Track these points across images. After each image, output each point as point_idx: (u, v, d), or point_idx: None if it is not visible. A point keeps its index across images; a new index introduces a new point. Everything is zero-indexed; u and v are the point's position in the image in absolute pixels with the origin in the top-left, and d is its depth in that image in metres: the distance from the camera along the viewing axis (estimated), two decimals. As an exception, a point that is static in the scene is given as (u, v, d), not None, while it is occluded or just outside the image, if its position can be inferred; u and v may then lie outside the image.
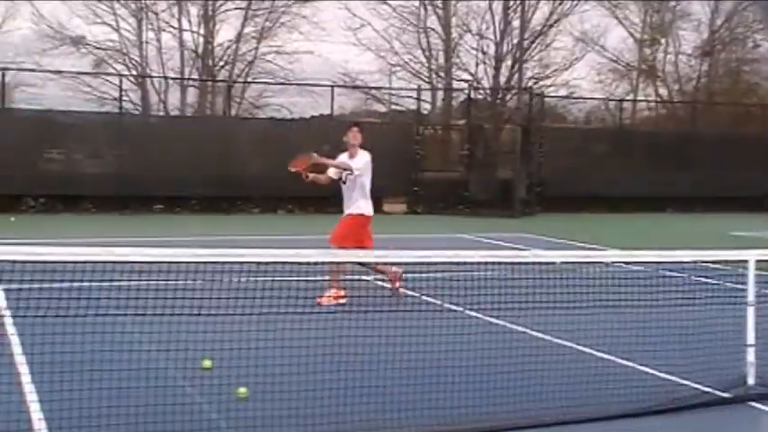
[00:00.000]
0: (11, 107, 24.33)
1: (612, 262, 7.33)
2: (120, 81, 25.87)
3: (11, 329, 7.15)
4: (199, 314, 5.14)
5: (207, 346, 5.75)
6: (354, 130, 9.87)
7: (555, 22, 32.33)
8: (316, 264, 8.43)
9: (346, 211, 9.77)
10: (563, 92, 32.72)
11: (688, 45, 36.11)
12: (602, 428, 5.34)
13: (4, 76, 23.48)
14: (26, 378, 5.81)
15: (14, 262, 4.44)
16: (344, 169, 9.68)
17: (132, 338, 6.48)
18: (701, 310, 6.70)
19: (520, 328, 7.79)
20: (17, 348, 6.64)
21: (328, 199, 23.60)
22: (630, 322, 7.09)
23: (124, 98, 25.99)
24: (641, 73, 36.00)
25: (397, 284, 9.54)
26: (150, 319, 5.19)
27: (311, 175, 9.72)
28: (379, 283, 9.93)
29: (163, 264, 4.68)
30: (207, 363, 6.08)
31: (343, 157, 9.86)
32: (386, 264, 8.97)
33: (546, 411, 5.43)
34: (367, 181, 9.75)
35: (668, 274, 7.77)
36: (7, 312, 7.44)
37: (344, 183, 9.74)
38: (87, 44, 30.91)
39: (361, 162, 9.69)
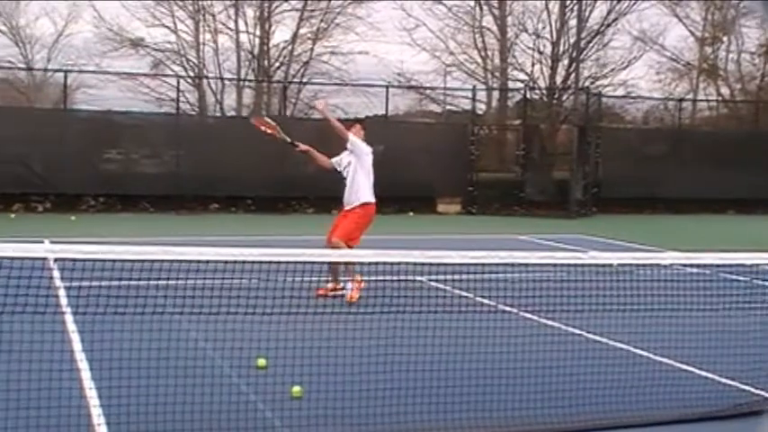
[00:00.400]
0: (72, 108, 24.81)
1: (671, 264, 7.19)
2: (178, 82, 26.21)
3: (71, 326, 7.28)
4: (254, 313, 5.17)
5: (262, 345, 5.78)
6: (358, 126, 10.08)
7: (613, 21, 31.90)
8: (369, 264, 8.44)
9: (348, 206, 9.81)
10: (620, 91, 32.26)
11: (751, 43, 35.34)
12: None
13: (66, 77, 24.00)
14: (86, 374, 5.91)
15: (75, 260, 4.51)
16: (338, 129, 9.79)
17: (188, 337, 6.55)
18: (762, 313, 6.54)
19: (576, 331, 7.70)
20: (77, 345, 6.76)
21: (382, 199, 23.79)
22: (690, 326, 6.95)
23: (181, 99, 26.34)
24: (702, 72, 35.31)
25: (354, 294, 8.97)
26: (206, 318, 5.24)
27: (303, 147, 10.09)
28: (433, 284, 9.89)
29: (218, 263, 4.71)
30: (262, 362, 6.12)
31: (344, 154, 9.99)
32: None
33: (603, 415, 5.35)
34: (366, 174, 9.85)
35: (729, 276, 7.61)
36: (68, 309, 7.57)
37: (345, 177, 9.87)
38: (146, 46, 31.41)
39: (357, 140, 9.83)
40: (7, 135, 21.10)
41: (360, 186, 9.79)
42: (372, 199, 9.87)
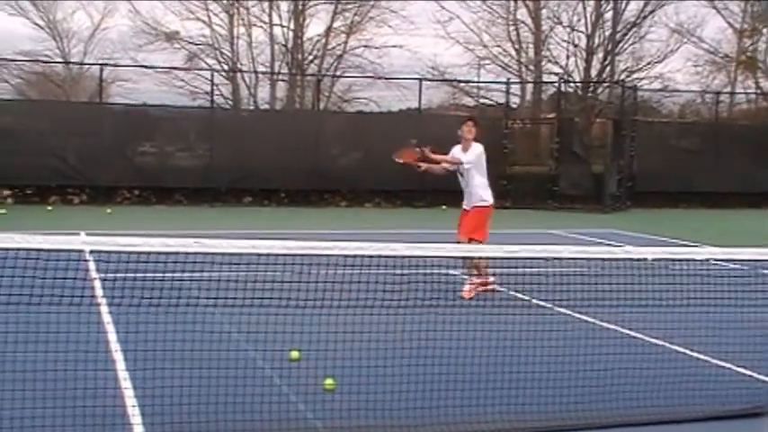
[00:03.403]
0: (108, 101, 25.04)
1: (707, 259, 7.10)
2: (212, 76, 26.36)
3: (107, 318, 7.36)
4: (287, 306, 5.18)
5: (295, 338, 5.80)
6: (469, 124, 9.98)
7: (649, 14, 31.58)
8: (403, 257, 8.42)
9: (469, 205, 9.85)
10: (657, 85, 31.95)
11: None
12: (699, 430, 5.19)
13: (101, 71, 24.20)
14: (120, 365, 5.96)
15: (110, 252, 4.54)
16: (455, 163, 9.82)
17: (222, 329, 6.58)
18: (802, 310, 6.44)
19: (611, 326, 7.63)
20: (112, 336, 6.83)
21: (414, 192, 23.78)
22: (727, 322, 6.85)
23: (215, 92, 26.49)
24: (740, 64, 34.80)
25: (484, 287, 9.48)
26: (239, 310, 5.26)
27: (424, 166, 9.83)
28: (467, 277, 9.86)
29: (252, 255, 4.73)
30: (294, 354, 6.14)
31: (456, 150, 10.01)
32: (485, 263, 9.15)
33: (638, 411, 5.30)
34: (482, 171, 9.97)
35: (766, 272, 7.48)
36: (103, 301, 7.64)
37: (462, 175, 9.88)
38: (181, 39, 31.63)
39: (472, 155, 9.83)
40: (44, 128, 21.34)
41: (477, 188, 9.88)
42: (489, 200, 9.97)
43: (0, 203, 20.58)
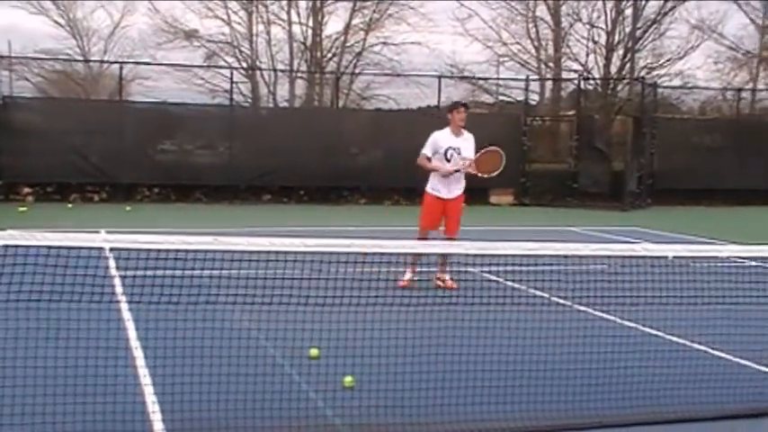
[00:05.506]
0: (128, 99, 25.16)
1: (729, 257, 7.04)
2: (231, 73, 26.42)
3: (126, 315, 7.39)
4: (306, 303, 5.18)
5: (314, 336, 5.80)
6: (462, 110, 9.83)
7: (670, 10, 31.38)
8: (421, 255, 8.41)
9: (452, 194, 9.68)
10: (677, 82, 31.75)
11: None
12: (719, 428, 5.15)
13: (121, 69, 24.33)
14: (140, 362, 5.99)
15: (130, 250, 4.56)
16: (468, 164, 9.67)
17: (241, 326, 6.60)
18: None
19: (631, 324, 7.59)
20: (132, 333, 6.86)
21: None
22: (748, 320, 6.80)
23: (234, 90, 26.56)
24: (762, 60, 34.51)
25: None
26: (259, 308, 5.26)
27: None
28: (485, 275, 9.84)
29: (271, 253, 4.73)
30: (314, 351, 6.14)
31: (444, 138, 9.74)
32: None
33: (660, 409, 5.27)
34: None
35: (789, 270, 7.43)
36: (123, 298, 7.68)
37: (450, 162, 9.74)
38: (200, 38, 31.77)
39: (472, 147, 9.76)
40: (65, 126, 21.48)
41: (461, 177, 9.82)
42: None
43: (21, 201, 20.74)
